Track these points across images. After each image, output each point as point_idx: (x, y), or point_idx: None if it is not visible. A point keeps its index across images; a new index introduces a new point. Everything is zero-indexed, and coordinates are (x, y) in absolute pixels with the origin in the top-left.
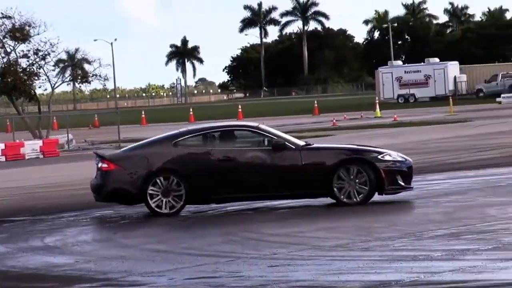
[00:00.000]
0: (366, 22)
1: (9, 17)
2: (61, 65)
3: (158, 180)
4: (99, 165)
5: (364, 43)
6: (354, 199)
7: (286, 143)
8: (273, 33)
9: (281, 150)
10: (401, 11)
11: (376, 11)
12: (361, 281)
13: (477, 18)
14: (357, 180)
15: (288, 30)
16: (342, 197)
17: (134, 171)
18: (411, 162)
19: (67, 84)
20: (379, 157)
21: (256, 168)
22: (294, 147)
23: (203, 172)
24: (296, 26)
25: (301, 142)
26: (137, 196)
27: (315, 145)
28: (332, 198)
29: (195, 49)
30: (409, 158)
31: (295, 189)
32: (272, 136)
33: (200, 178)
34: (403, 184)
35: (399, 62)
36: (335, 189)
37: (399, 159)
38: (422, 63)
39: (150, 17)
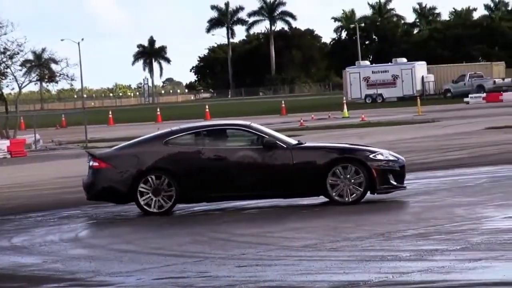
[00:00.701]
0: (335, 19)
1: None
2: (28, 65)
3: (148, 179)
4: (90, 163)
5: (332, 43)
6: (347, 198)
7: (277, 142)
8: (240, 33)
9: (272, 149)
10: (368, 11)
11: (343, 10)
12: (330, 281)
13: (445, 17)
14: (352, 180)
15: (255, 30)
16: (334, 195)
17: (125, 170)
18: (404, 161)
19: (34, 84)
20: (371, 156)
21: (247, 167)
22: (285, 146)
23: (194, 171)
24: (263, 26)
25: (293, 141)
26: (127, 195)
27: (307, 144)
28: (325, 197)
29: (162, 49)
30: (401, 157)
31: (286, 188)
32: (263, 135)
33: (190, 177)
34: (395, 183)
35: (367, 62)
36: (328, 187)
37: (392, 158)
38: (390, 63)
39: (117, 16)
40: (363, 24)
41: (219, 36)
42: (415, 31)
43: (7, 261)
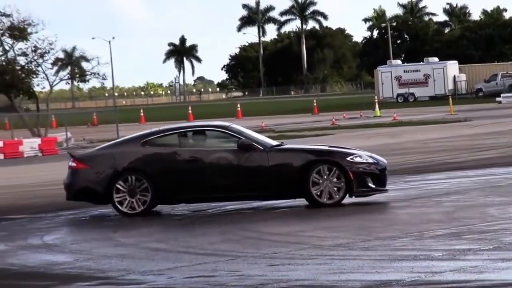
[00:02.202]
0: (365, 20)
1: (7, 15)
2: (59, 63)
3: (123, 180)
4: (69, 164)
5: (363, 42)
6: (325, 200)
7: (254, 143)
8: (271, 32)
9: (248, 151)
10: (399, 11)
11: (374, 9)
12: (362, 280)
13: (475, 17)
14: (330, 182)
15: (286, 29)
16: (316, 197)
17: (101, 171)
18: (385, 164)
19: (66, 83)
20: (348, 158)
21: (222, 168)
22: (262, 148)
23: (169, 172)
24: (294, 25)
25: (274, 142)
26: (104, 195)
27: (283, 146)
28: (306, 199)
29: (193, 47)
30: (383, 159)
31: (262, 190)
32: (240, 137)
33: (166, 178)
34: (373, 186)
35: (398, 61)
36: (309, 188)
37: (371, 161)
38: (421, 63)
39: (148, 15)
40: (394, 23)
41: (250, 35)
42: (446, 30)
43: (39, 259)
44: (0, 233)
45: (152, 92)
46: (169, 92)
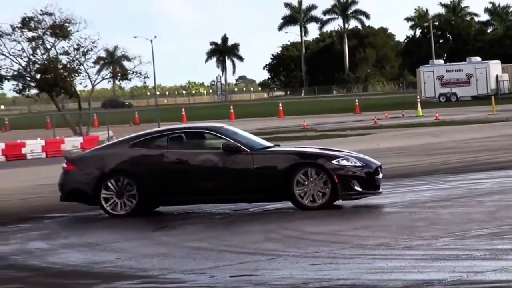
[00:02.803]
0: (407, 19)
1: (50, 14)
2: (101, 62)
3: (111, 181)
4: (63, 165)
5: (405, 41)
6: (308, 203)
7: (240, 146)
8: (313, 31)
9: (234, 153)
10: (440, 10)
11: (416, 9)
12: (404, 280)
13: None
14: (315, 185)
15: (328, 28)
16: (300, 200)
17: (90, 172)
18: (374, 167)
19: (108, 82)
20: (333, 161)
21: (207, 171)
22: (247, 150)
23: (156, 173)
24: (336, 24)
25: (267, 144)
26: (92, 196)
27: (269, 149)
28: (291, 202)
29: (235, 46)
30: (375, 162)
31: (247, 193)
32: (227, 139)
33: (152, 179)
34: (359, 189)
35: (441, 61)
36: (295, 191)
37: (358, 164)
38: (464, 62)
39: (190, 14)
40: (437, 23)
41: (292, 34)
42: (489, 29)
43: (80, 258)
44: (42, 231)
45: (193, 91)
46: (210, 91)
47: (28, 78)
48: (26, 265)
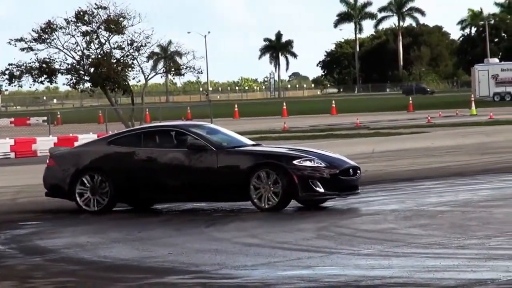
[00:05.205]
0: (461, 22)
1: (104, 8)
2: (155, 57)
3: (86, 178)
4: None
5: (460, 40)
6: (264, 204)
7: (207, 144)
8: (367, 28)
9: (199, 151)
10: (496, 10)
11: (469, 9)
12: (457, 279)
13: None
14: (270, 185)
15: (383, 25)
16: (256, 201)
17: (66, 168)
18: (341, 169)
19: (161, 77)
20: (295, 162)
21: (173, 169)
22: (214, 149)
23: (126, 171)
24: (391, 22)
25: (250, 142)
26: (67, 192)
27: (234, 149)
28: (251, 202)
29: (289, 43)
30: (347, 163)
31: (211, 192)
32: (195, 137)
33: (123, 177)
34: (322, 190)
35: (496, 60)
36: (251, 192)
37: (323, 165)
38: None
39: (245, 10)
40: (492, 22)
41: (346, 31)
42: None
43: (132, 252)
44: (93, 225)
45: (246, 88)
46: (263, 87)
47: (81, 72)
48: (78, 259)
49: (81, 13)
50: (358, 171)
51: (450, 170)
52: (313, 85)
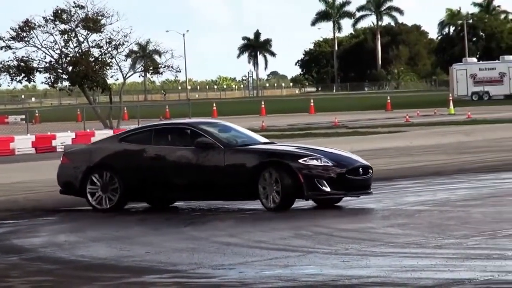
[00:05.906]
0: (441, 23)
1: (82, 7)
2: (133, 55)
3: (95, 176)
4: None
5: (438, 39)
6: (270, 204)
7: (215, 142)
8: (346, 27)
9: (207, 149)
10: (473, 9)
11: (447, 9)
12: (434, 278)
13: None
14: (273, 184)
15: (361, 24)
16: (264, 200)
17: (78, 165)
18: (349, 168)
19: (139, 76)
20: (301, 160)
21: (181, 167)
22: (222, 147)
23: (135, 169)
24: (369, 21)
25: (263, 140)
26: (79, 189)
27: (242, 147)
28: (260, 201)
29: (268, 42)
30: (357, 162)
31: (219, 190)
32: (204, 135)
33: (132, 174)
34: (328, 190)
35: (474, 59)
36: (259, 191)
37: (329, 164)
38: (497, 61)
39: (223, 9)
40: (470, 21)
41: (325, 30)
42: None
43: (110, 251)
44: (71, 224)
45: (225, 86)
46: (242, 86)
47: (60, 71)
48: (55, 258)
49: (60, 11)
50: (370, 170)
51: (428, 170)
52: (291, 84)
